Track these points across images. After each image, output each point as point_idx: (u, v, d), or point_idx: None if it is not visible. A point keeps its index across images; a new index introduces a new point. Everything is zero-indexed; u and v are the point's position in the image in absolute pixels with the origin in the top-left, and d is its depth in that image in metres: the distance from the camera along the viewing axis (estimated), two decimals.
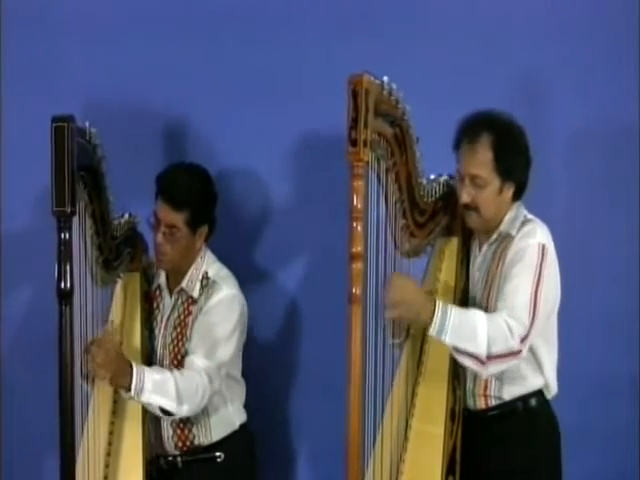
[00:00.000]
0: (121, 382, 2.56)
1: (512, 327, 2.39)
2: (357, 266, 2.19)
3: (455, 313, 2.40)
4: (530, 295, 2.43)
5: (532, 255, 2.47)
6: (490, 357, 2.39)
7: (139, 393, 2.56)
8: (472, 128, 2.53)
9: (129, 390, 2.55)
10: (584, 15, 3.07)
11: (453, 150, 2.57)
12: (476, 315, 2.42)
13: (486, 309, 2.52)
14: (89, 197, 2.54)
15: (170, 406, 2.60)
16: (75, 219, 2.38)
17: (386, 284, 2.41)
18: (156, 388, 2.57)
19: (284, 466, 3.28)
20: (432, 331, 2.40)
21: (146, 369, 2.61)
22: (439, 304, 2.41)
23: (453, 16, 3.11)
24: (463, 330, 2.39)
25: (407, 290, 2.42)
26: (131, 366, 2.56)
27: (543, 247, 2.49)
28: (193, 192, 2.71)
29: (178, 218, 2.68)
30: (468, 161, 2.52)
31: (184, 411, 2.63)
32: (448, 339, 2.40)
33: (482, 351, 2.38)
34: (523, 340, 2.40)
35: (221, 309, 2.70)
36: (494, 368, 2.42)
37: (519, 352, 2.41)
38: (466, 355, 2.41)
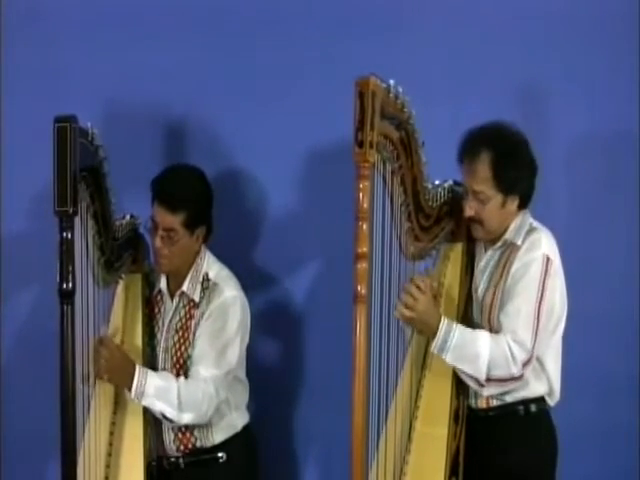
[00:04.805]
0: (123, 383, 2.58)
1: (515, 353, 2.42)
2: (362, 266, 2.18)
3: (458, 333, 2.43)
4: (533, 315, 2.45)
5: (536, 270, 2.48)
6: (490, 380, 2.43)
7: (140, 396, 2.57)
8: (472, 145, 2.53)
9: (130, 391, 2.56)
10: (584, 21, 3.08)
11: (457, 163, 2.58)
12: (480, 337, 2.45)
13: (489, 315, 2.54)
14: (91, 198, 2.53)
15: (170, 413, 2.61)
16: (77, 219, 2.38)
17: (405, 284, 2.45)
18: (158, 394, 2.59)
19: (287, 467, 3.27)
20: (434, 348, 2.44)
21: (149, 373, 2.61)
22: (444, 321, 2.43)
23: (454, 23, 3.11)
24: (465, 352, 2.42)
25: (421, 301, 2.43)
26: (134, 369, 2.57)
27: (547, 259, 2.49)
28: (189, 193, 2.69)
29: (175, 220, 2.66)
30: (469, 177, 2.54)
31: (185, 419, 2.63)
32: (449, 358, 2.43)
33: (482, 374, 2.42)
34: (525, 365, 2.44)
35: (223, 314, 2.68)
36: (494, 389, 2.48)
37: (520, 377, 2.45)
38: (466, 375, 2.45)
